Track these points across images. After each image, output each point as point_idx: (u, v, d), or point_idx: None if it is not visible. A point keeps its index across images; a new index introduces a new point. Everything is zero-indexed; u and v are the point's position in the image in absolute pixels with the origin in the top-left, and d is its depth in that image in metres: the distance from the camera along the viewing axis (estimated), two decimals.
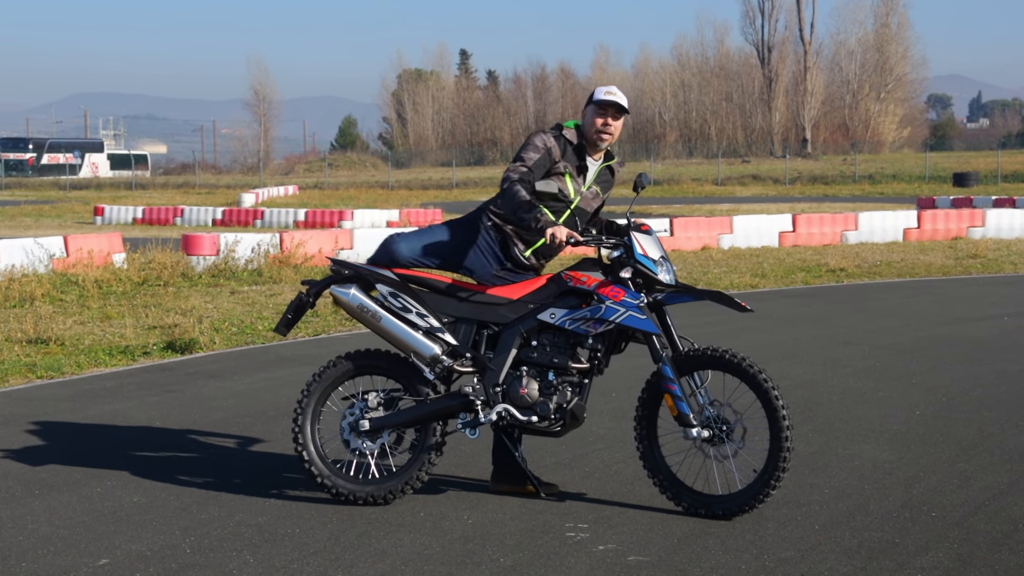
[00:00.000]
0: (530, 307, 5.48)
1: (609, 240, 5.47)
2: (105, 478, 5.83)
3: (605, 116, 5.52)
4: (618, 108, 5.52)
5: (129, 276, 13.97)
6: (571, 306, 5.42)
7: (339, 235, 17.02)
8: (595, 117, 5.53)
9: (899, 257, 17.55)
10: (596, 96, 5.54)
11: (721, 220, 20.07)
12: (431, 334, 5.47)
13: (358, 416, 5.51)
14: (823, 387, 8.08)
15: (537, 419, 5.38)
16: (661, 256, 5.47)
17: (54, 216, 36.30)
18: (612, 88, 5.56)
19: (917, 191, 47.64)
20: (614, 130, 5.56)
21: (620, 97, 5.54)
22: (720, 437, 5.23)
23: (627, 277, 5.38)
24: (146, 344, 9.69)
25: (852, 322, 11.17)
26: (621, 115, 5.55)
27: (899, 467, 5.98)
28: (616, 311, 5.31)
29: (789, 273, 15.46)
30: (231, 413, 7.37)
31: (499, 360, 5.44)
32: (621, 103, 5.53)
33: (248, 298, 12.94)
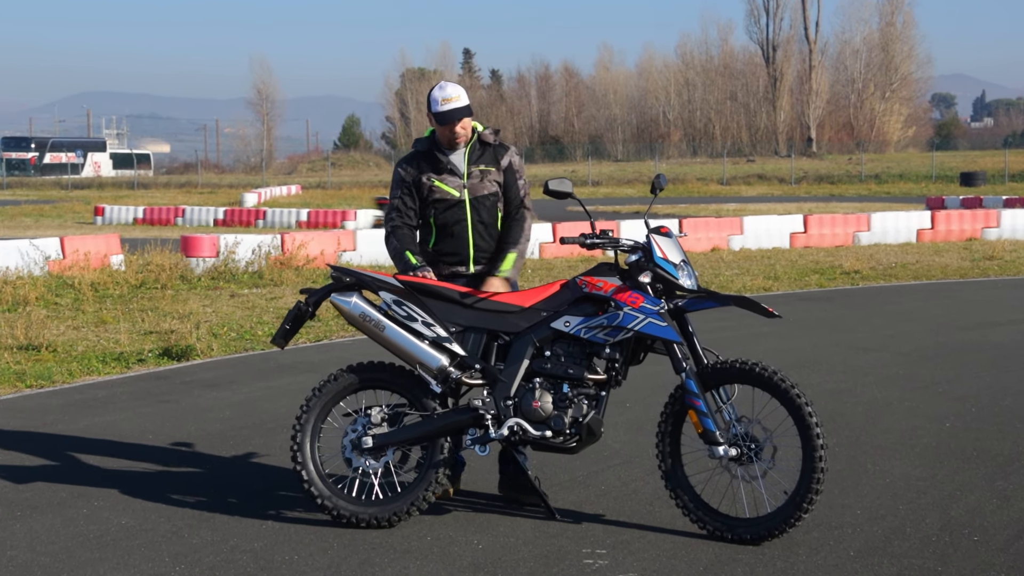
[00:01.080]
0: (543, 315, 5.15)
1: (627, 243, 5.13)
2: (92, 498, 5.49)
3: (450, 126, 5.35)
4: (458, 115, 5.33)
5: (126, 279, 13.64)
6: (587, 313, 5.09)
7: (341, 236, 16.68)
8: (439, 127, 5.38)
9: (914, 259, 17.19)
10: (433, 108, 5.36)
11: (731, 221, 19.72)
12: (438, 344, 5.13)
13: (361, 433, 5.17)
14: (846, 397, 7.73)
15: (551, 434, 5.05)
16: (682, 260, 5.13)
17: (54, 216, 36.00)
18: (447, 92, 5.35)
19: (924, 191, 47.31)
20: (465, 130, 5.40)
21: (455, 102, 5.33)
22: (748, 456, 4.89)
23: (646, 282, 5.05)
24: (141, 351, 9.35)
25: (871, 327, 10.82)
26: (465, 115, 5.35)
27: (933, 485, 5.63)
28: (635, 318, 4.97)
29: (803, 275, 15.11)
30: (228, 425, 7.03)
31: (510, 372, 5.11)
32: (457, 108, 5.31)
33: (248, 302, 12.60)
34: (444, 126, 5.33)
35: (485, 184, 5.45)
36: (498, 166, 5.50)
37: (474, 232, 5.42)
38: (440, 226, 5.43)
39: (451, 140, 5.38)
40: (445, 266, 5.43)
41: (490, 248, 5.47)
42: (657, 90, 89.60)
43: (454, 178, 5.42)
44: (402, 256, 5.34)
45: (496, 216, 5.50)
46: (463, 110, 5.33)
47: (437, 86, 5.43)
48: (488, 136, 5.52)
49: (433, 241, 5.45)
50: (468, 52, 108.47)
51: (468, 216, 5.41)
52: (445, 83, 5.43)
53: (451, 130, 5.34)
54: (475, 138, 5.48)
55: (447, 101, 5.33)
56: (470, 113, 5.38)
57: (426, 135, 5.54)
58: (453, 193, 5.41)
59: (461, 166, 5.45)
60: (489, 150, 5.51)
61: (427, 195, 5.41)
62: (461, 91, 5.40)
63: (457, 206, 5.41)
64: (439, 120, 5.32)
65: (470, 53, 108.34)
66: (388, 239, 5.43)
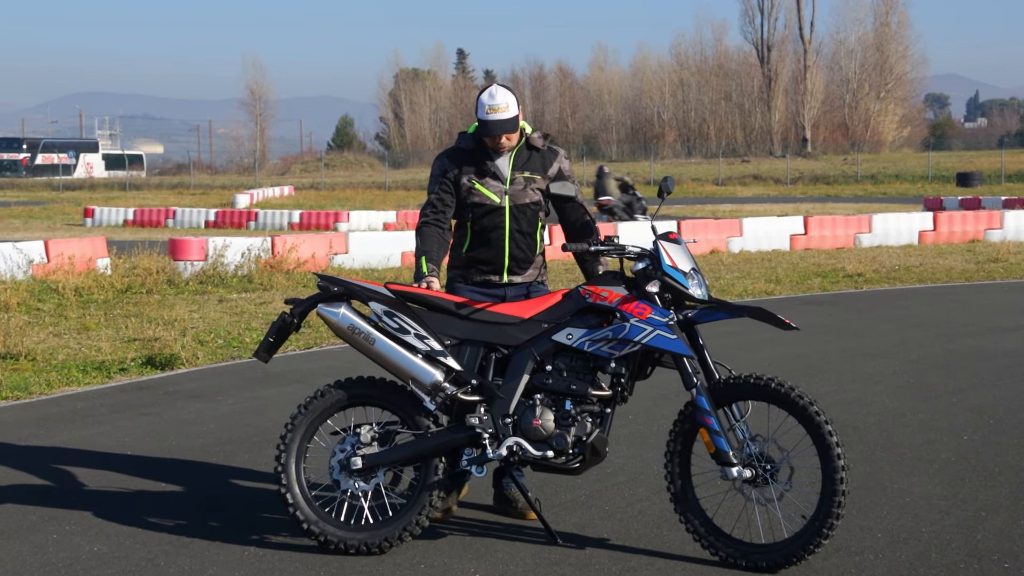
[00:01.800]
0: (544, 327, 4.84)
1: (633, 250, 4.81)
2: (64, 521, 5.15)
3: (494, 138, 5.03)
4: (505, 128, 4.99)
5: (112, 283, 13.27)
6: (590, 325, 4.78)
7: (333, 239, 16.32)
8: (485, 136, 5.05)
9: (917, 261, 16.87)
10: (479, 115, 5.01)
11: (730, 222, 19.40)
12: (432, 358, 4.80)
13: (349, 453, 4.85)
14: (857, 407, 7.42)
15: (553, 454, 4.74)
16: (692, 268, 4.82)
17: (44, 218, 35.57)
18: (496, 100, 4.98)
19: (920, 191, 47.09)
20: (511, 141, 5.07)
21: (503, 112, 4.96)
22: (764, 478, 4.58)
23: (654, 292, 4.73)
24: (124, 359, 8.99)
25: (878, 332, 10.51)
26: (512, 129, 5.01)
27: (956, 505, 5.32)
28: (642, 330, 4.66)
29: (805, 278, 14.79)
30: (211, 440, 6.69)
31: (509, 387, 4.80)
32: (504, 120, 4.96)
33: (236, 307, 12.25)
34: (488, 137, 5.02)
35: (528, 192, 5.12)
36: (544, 173, 5.17)
37: (511, 241, 5.11)
38: (476, 231, 5.13)
39: (496, 147, 5.07)
40: (478, 272, 5.14)
41: (526, 258, 5.17)
42: (651, 90, 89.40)
43: (496, 182, 5.10)
44: (417, 259, 5.07)
45: (536, 226, 5.18)
46: (511, 123, 4.98)
47: (488, 90, 5.05)
48: (536, 140, 5.19)
49: (467, 245, 5.16)
50: (462, 52, 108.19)
51: (507, 224, 5.10)
52: (497, 88, 5.06)
53: (495, 141, 5.04)
54: (522, 142, 5.16)
55: (494, 111, 4.98)
56: (516, 128, 5.02)
57: (471, 131, 5.20)
58: (493, 199, 5.09)
59: (505, 171, 5.12)
60: (536, 156, 5.18)
61: (465, 196, 5.10)
62: (512, 100, 5.02)
63: (496, 212, 5.09)
64: (481, 129, 5.01)
65: (464, 53, 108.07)
66: (417, 232, 5.16)
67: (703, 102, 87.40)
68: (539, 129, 5.23)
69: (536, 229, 5.16)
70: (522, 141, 5.11)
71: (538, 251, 5.19)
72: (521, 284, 5.16)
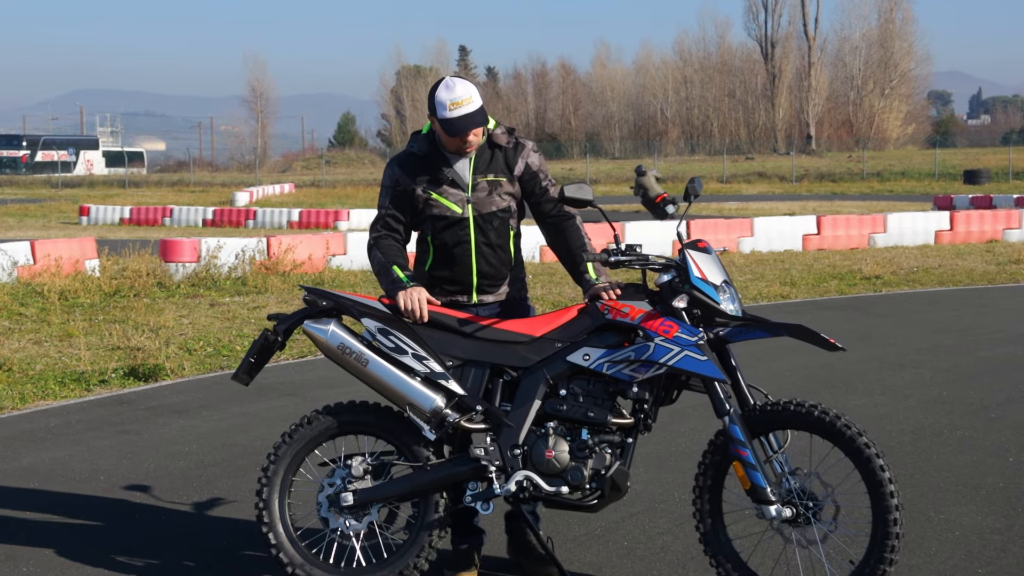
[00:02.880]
0: (557, 346, 4.31)
1: (658, 260, 4.28)
2: (23, 560, 4.63)
3: (461, 136, 4.35)
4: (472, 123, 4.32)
5: (100, 286, 12.74)
6: (610, 345, 4.25)
7: (331, 239, 15.77)
8: (446, 135, 4.36)
9: (936, 263, 16.31)
10: (440, 114, 4.30)
11: (741, 222, 18.85)
12: (432, 382, 4.28)
13: (339, 487, 4.32)
14: (890, 424, 6.89)
15: (568, 489, 4.21)
16: (724, 280, 4.29)
17: (39, 216, 35.04)
18: (456, 93, 4.29)
19: (928, 189, 46.55)
20: (477, 137, 4.40)
21: (467, 106, 4.29)
22: (806, 517, 4.05)
23: (682, 307, 4.20)
24: (104, 370, 8.45)
25: (902, 339, 9.97)
26: (480, 123, 4.35)
27: (1012, 540, 4.80)
28: (668, 351, 4.13)
29: (821, 281, 14.24)
30: (193, 462, 6.16)
31: (519, 414, 4.27)
32: (470, 114, 4.29)
33: (229, 311, 11.71)
34: (454, 137, 4.35)
35: (494, 198, 4.47)
36: (511, 174, 4.51)
37: (478, 255, 4.47)
38: (438, 246, 4.48)
39: (459, 148, 4.42)
40: (443, 293, 4.51)
41: (498, 274, 4.52)
42: (655, 87, 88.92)
43: (456, 190, 4.45)
44: (388, 271, 4.38)
45: (508, 236, 4.53)
46: (477, 115, 4.32)
47: (443, 84, 4.37)
48: (500, 137, 4.52)
49: (430, 263, 4.52)
50: (464, 49, 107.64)
51: (472, 237, 4.45)
52: (453, 80, 4.38)
53: (462, 140, 4.38)
54: (483, 140, 4.51)
55: (456, 105, 4.29)
56: (486, 119, 4.38)
57: (424, 132, 4.55)
58: (454, 209, 4.44)
59: (465, 175, 4.47)
60: (500, 155, 4.51)
61: (423, 208, 4.45)
62: (473, 90, 4.37)
63: (458, 224, 4.45)
64: (447, 129, 4.31)
65: (466, 50, 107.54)
66: (371, 251, 4.50)
67: (706, 99, 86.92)
68: (502, 123, 4.55)
69: (508, 240, 4.51)
70: (483, 139, 4.47)
71: (512, 263, 4.56)
72: (494, 303, 4.53)
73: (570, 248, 4.51)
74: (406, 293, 4.28)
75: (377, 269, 4.48)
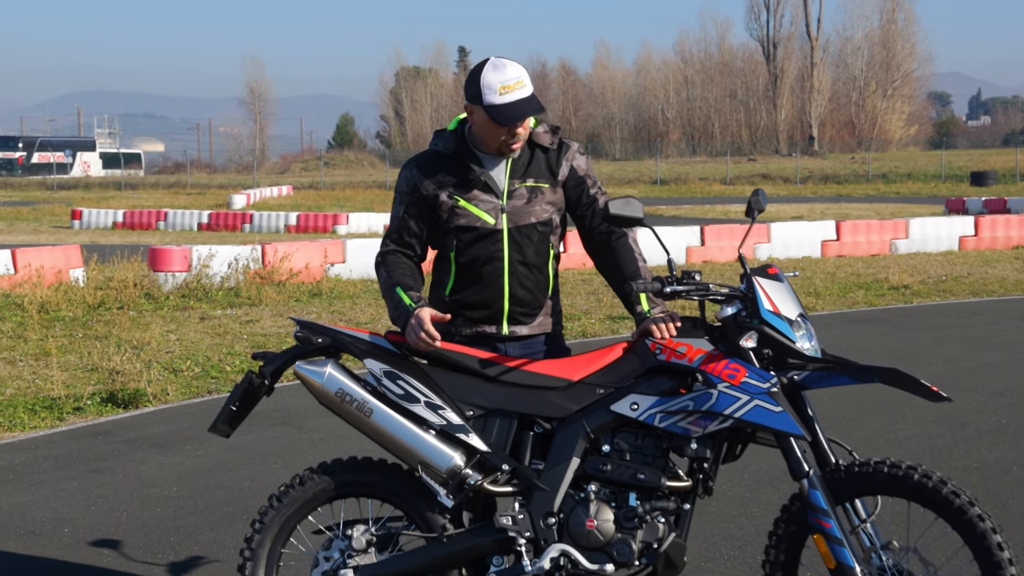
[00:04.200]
0: (600, 393, 3.60)
1: (720, 290, 3.57)
2: None
3: (511, 127, 3.61)
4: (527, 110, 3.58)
5: (84, 297, 12.00)
6: (663, 391, 3.55)
7: (329, 247, 15.02)
8: (493, 126, 3.60)
9: (964, 271, 15.58)
10: (487, 99, 3.56)
11: (757, 228, 18.06)
12: (448, 435, 3.57)
13: (338, 562, 3.62)
14: (949, 459, 6.18)
15: (613, 567, 3.51)
16: (799, 314, 3.59)
17: (31, 219, 34.28)
18: (507, 74, 3.57)
19: (935, 191, 46.03)
20: (525, 133, 3.66)
21: (519, 90, 3.56)
22: None
23: (749, 347, 3.49)
24: (80, 396, 7.69)
25: (945, 357, 9.25)
26: (536, 110, 3.61)
27: None
28: (734, 400, 3.43)
29: (846, 291, 13.50)
30: (172, 509, 5.43)
31: (553, 475, 3.56)
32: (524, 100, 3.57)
33: (220, 326, 10.97)
34: (502, 127, 3.60)
35: (534, 208, 3.73)
36: (553, 180, 3.78)
37: (512, 276, 3.73)
38: (464, 265, 3.73)
39: (503, 146, 3.68)
40: (467, 323, 3.76)
41: (534, 301, 3.77)
42: (655, 88, 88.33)
43: (488, 197, 3.70)
44: (391, 294, 3.65)
45: (547, 255, 3.78)
46: (532, 102, 3.59)
47: (490, 64, 3.62)
48: (542, 135, 3.78)
49: (452, 285, 3.77)
50: (463, 50, 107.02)
51: (505, 253, 3.71)
52: (502, 60, 3.64)
53: (510, 134, 3.63)
54: (533, 130, 3.76)
55: (507, 89, 3.56)
56: (542, 108, 3.63)
57: (451, 127, 3.80)
58: (485, 219, 3.69)
59: (500, 179, 3.73)
60: (541, 156, 3.77)
61: (447, 219, 3.70)
62: (524, 73, 3.63)
63: (490, 238, 3.70)
64: (496, 117, 3.55)
65: (465, 51, 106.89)
66: (377, 270, 3.78)
67: (707, 100, 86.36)
68: (544, 120, 3.80)
69: (547, 260, 3.77)
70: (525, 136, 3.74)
71: (550, 290, 3.83)
72: (527, 338, 3.79)
73: (621, 273, 3.78)
74: (409, 325, 3.56)
75: (384, 292, 3.75)
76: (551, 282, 3.84)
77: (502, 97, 3.56)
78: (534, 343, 3.83)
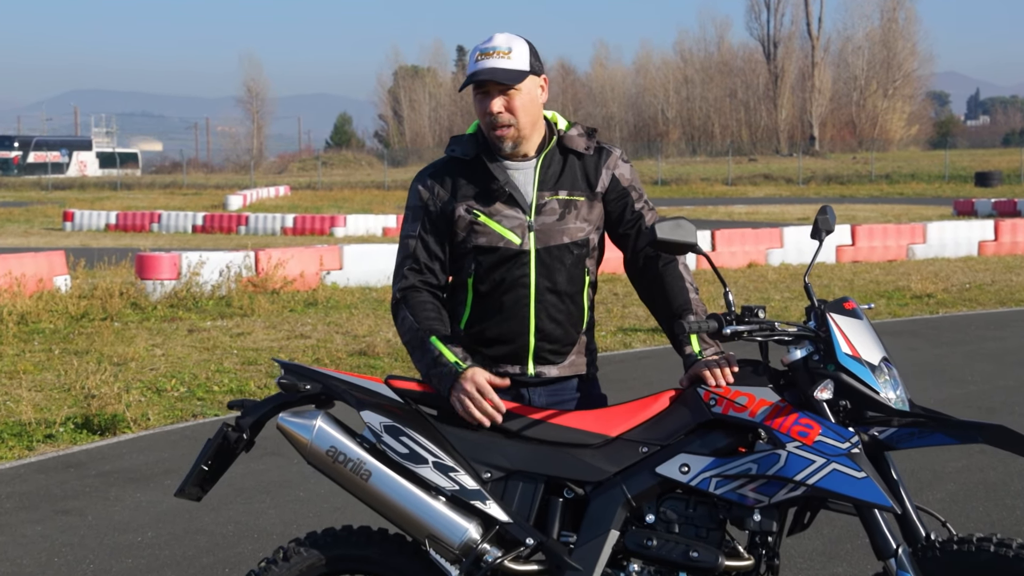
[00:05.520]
0: (643, 451, 3.03)
1: (787, 329, 2.98)
2: None
3: (487, 100, 3.05)
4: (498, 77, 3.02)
5: (66, 307, 11.39)
6: (719, 451, 2.99)
7: (325, 253, 14.39)
8: (476, 106, 3.09)
9: (988, 278, 14.97)
10: (469, 67, 3.08)
11: (769, 232, 17.48)
12: (462, 503, 2.99)
13: None
14: (1007, 496, 5.61)
15: None
16: (883, 358, 3.00)
17: (23, 221, 33.65)
18: (493, 42, 3.06)
19: (939, 191, 45.55)
20: (509, 117, 3.05)
21: (499, 59, 3.01)
22: None
23: (825, 398, 2.91)
24: (53, 421, 7.08)
25: (980, 374, 8.67)
26: (513, 87, 3.04)
27: None
28: (807, 463, 2.87)
29: (867, 300, 12.88)
30: (146, 559, 4.83)
31: (587, 552, 2.99)
32: (499, 69, 3.02)
33: (209, 339, 10.36)
34: (476, 98, 3.07)
35: (567, 226, 3.14)
36: (591, 192, 3.18)
37: (539, 307, 3.14)
38: (483, 293, 3.15)
39: (491, 129, 3.08)
40: (485, 363, 3.15)
41: (565, 337, 3.18)
42: (655, 87, 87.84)
43: (514, 211, 3.12)
44: (424, 344, 3.06)
45: (582, 281, 3.20)
46: (508, 74, 3.03)
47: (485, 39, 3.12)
48: (576, 140, 3.20)
49: (467, 317, 3.19)
50: (462, 49, 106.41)
51: (532, 279, 3.13)
52: (497, 34, 3.11)
53: (484, 107, 3.06)
54: (553, 142, 3.19)
55: (485, 56, 3.05)
56: (517, 79, 3.04)
57: (471, 131, 3.22)
58: (510, 238, 3.11)
59: (527, 191, 3.15)
60: (576, 164, 3.18)
61: (464, 237, 3.13)
62: (520, 45, 3.09)
63: (514, 261, 3.12)
64: (466, 84, 3.08)
65: (463, 50, 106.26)
66: (397, 311, 3.17)
67: (707, 99, 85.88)
68: (579, 123, 3.25)
69: (582, 287, 3.19)
70: (553, 142, 3.17)
71: (584, 324, 3.24)
72: (557, 381, 3.21)
73: (670, 306, 3.17)
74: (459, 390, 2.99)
75: (408, 340, 3.12)
76: (585, 314, 3.24)
77: (476, 64, 3.04)
78: (564, 388, 3.24)
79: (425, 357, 3.06)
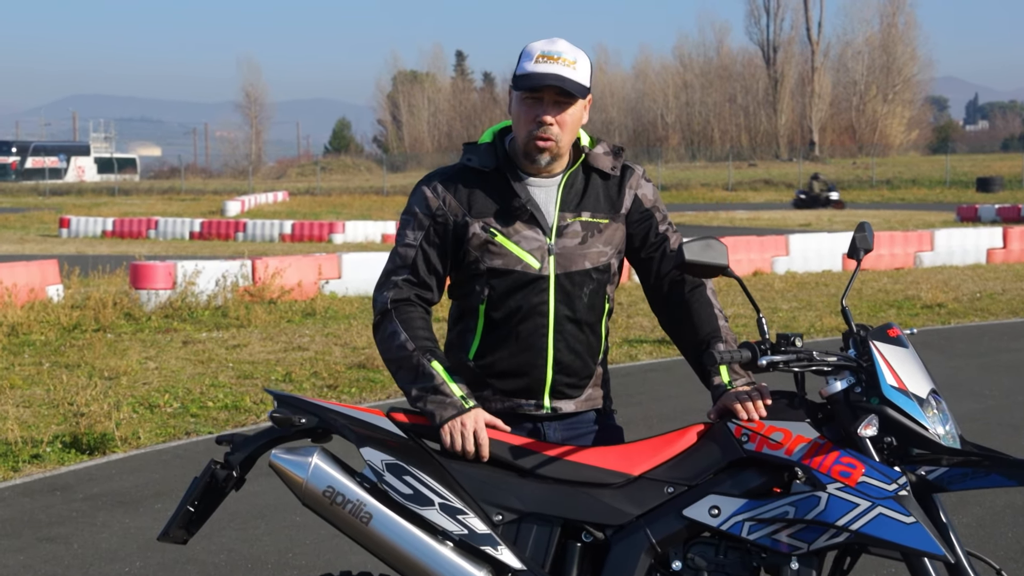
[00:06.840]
0: (668, 492, 2.78)
1: (827, 359, 2.73)
2: None
3: (538, 107, 2.76)
4: (559, 89, 2.75)
5: (58, 318, 11.12)
6: (752, 492, 2.74)
7: (323, 262, 14.12)
8: (522, 109, 2.78)
9: (998, 287, 14.70)
10: (520, 66, 2.77)
11: (775, 240, 17.21)
12: (471, 548, 2.73)
13: None
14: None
15: None
16: (931, 390, 2.75)
17: (18, 227, 33.35)
18: (557, 47, 2.77)
19: (940, 197, 45.38)
20: (558, 132, 2.78)
21: (561, 65, 2.74)
22: None
23: (869, 435, 2.66)
24: (40, 440, 6.81)
25: (999, 389, 8.42)
26: (572, 101, 2.78)
27: None
28: (850, 507, 2.63)
29: (877, 310, 12.62)
30: None
31: None
32: (561, 76, 2.75)
33: (204, 351, 10.09)
34: (531, 94, 2.77)
35: (589, 250, 2.89)
36: (614, 214, 2.94)
37: (558, 337, 2.89)
38: (497, 320, 2.89)
39: (533, 141, 2.80)
40: (497, 396, 2.92)
41: (584, 369, 2.93)
42: (654, 92, 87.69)
43: (533, 232, 2.87)
44: (419, 367, 2.82)
45: (602, 309, 2.95)
46: (574, 86, 2.77)
47: (541, 41, 2.82)
48: (601, 158, 2.94)
49: (477, 346, 2.93)
50: (461, 54, 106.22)
51: (551, 307, 2.88)
52: (562, 40, 2.82)
53: (536, 115, 2.78)
54: (580, 161, 2.93)
55: (548, 59, 2.78)
56: (582, 92, 2.78)
57: (486, 139, 2.96)
58: (529, 262, 2.86)
59: (548, 210, 2.89)
60: (600, 184, 2.93)
61: (477, 258, 2.87)
62: (583, 57, 2.83)
63: (532, 287, 2.87)
64: (517, 84, 2.78)
65: (463, 55, 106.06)
66: (384, 322, 2.90)
67: (707, 104, 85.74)
68: (604, 141, 2.99)
69: (601, 316, 2.95)
70: (580, 160, 2.90)
71: (600, 355, 3.00)
72: (573, 416, 2.96)
73: (697, 335, 2.92)
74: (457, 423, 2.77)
75: (396, 357, 2.86)
76: (603, 344, 2.99)
77: (536, 65, 2.75)
78: (581, 422, 2.99)
79: (419, 380, 2.81)
